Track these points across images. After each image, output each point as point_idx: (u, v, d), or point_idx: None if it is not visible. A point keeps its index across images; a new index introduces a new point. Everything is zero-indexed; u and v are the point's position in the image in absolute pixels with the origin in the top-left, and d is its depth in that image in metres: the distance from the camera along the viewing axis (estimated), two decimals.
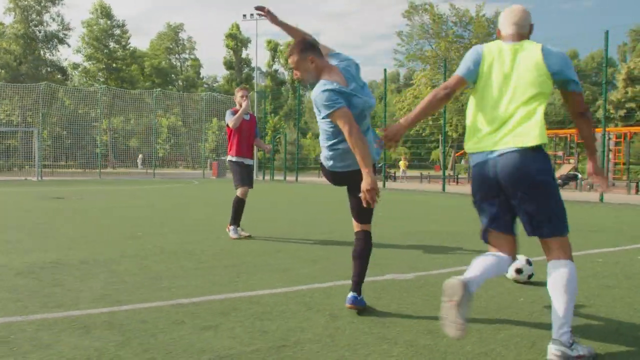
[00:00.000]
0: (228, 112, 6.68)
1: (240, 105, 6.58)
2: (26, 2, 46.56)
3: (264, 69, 66.19)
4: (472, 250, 5.73)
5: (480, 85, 2.73)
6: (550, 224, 2.57)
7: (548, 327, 3.03)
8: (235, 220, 6.40)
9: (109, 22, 52.26)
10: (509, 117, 2.60)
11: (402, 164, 26.10)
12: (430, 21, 42.96)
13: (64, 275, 4.32)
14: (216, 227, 7.39)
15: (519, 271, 4.18)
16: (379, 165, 23.88)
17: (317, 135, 62.77)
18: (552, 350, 2.50)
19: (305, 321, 3.11)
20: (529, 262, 4.21)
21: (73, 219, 8.49)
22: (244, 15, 30.52)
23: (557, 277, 2.53)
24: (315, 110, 3.20)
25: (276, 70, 65.93)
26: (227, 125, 6.63)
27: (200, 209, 10.62)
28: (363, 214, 3.35)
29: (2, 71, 43.17)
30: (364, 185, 2.99)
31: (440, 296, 2.24)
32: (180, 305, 3.42)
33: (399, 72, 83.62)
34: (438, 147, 48.28)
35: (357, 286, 3.32)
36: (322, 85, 3.11)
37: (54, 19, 48.47)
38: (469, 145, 2.74)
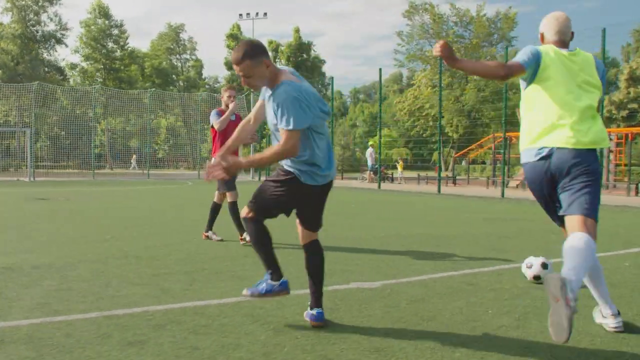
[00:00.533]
0: (213, 113, 6.29)
1: (227, 106, 6.24)
2: (23, 2, 46.10)
3: None
4: (451, 254, 5.43)
5: (543, 84, 2.87)
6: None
7: (514, 344, 2.75)
8: (240, 226, 5.96)
9: (107, 22, 51.66)
10: (581, 119, 2.80)
11: (399, 165, 25.74)
12: (430, 21, 42.67)
13: (9, 282, 4.06)
14: (192, 229, 7.12)
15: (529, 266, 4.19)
16: (375, 166, 23.61)
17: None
18: (556, 274, 2.43)
19: (244, 336, 2.83)
20: (544, 266, 4.10)
21: (44, 221, 8.25)
22: (240, 15, 30.38)
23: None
24: (273, 110, 2.82)
25: None
26: (212, 127, 6.26)
27: (185, 211, 10.36)
28: (317, 221, 3.19)
29: (0, 71, 42.90)
30: (229, 160, 2.87)
31: (403, 306, 2.00)
32: (115, 317, 3.15)
33: (402, 73, 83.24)
34: (440, 148, 47.89)
35: (319, 301, 3.07)
36: (298, 91, 2.78)
37: (51, 19, 48.14)
38: (542, 140, 2.85)
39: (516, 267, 4.82)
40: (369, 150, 24.00)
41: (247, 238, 5.90)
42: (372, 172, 23.43)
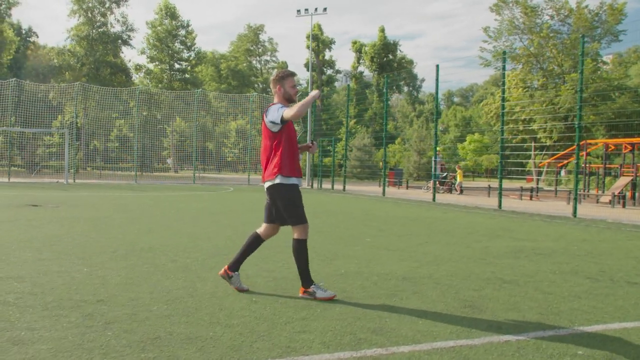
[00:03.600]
0: (276, 107, 4.24)
1: (290, 100, 4.38)
2: (90, 4, 47.39)
3: (349, 70, 65.10)
4: (388, 314, 3.66)
5: None
6: None
7: None
8: (306, 273, 4.29)
9: (173, 22, 51.38)
10: None
11: (458, 173, 23.07)
12: (521, 15, 38.87)
13: None
14: (101, 255, 6.05)
15: None
16: (443, 174, 21.52)
17: (406, 141, 59.65)
18: None
19: None
20: None
21: None
22: (298, 11, 29.43)
23: None
24: None
25: (361, 72, 64.33)
26: (280, 123, 4.21)
27: (133, 232, 9.39)
28: None
29: (67, 73, 44.98)
30: None
31: None
32: None
33: (504, 75, 78.31)
34: (531, 155, 43.63)
35: None
36: None
37: (118, 20, 49.04)
38: None
39: (459, 347, 3.08)
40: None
41: (325, 294, 4.21)
42: (437, 181, 21.30)
